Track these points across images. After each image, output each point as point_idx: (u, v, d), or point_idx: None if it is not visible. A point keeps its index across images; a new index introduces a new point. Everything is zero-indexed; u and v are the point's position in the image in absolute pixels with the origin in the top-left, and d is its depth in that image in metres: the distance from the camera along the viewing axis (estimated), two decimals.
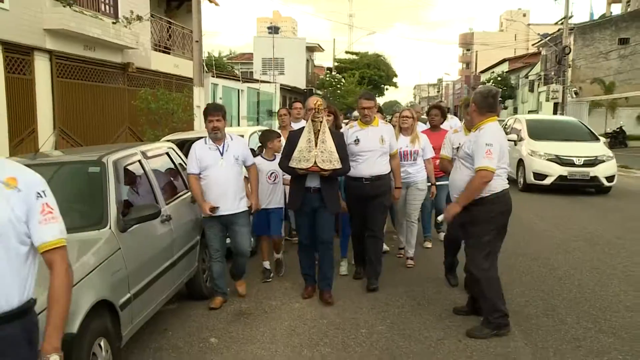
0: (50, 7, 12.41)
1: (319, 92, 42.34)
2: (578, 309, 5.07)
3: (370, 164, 5.63)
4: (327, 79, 42.35)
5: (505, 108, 44.61)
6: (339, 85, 39.90)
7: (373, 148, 5.64)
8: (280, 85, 34.00)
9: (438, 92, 73.29)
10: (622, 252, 7.12)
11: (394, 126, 6.45)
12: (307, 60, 43.75)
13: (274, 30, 38.64)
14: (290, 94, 36.91)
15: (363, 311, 5.17)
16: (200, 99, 14.55)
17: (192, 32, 15.48)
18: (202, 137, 5.56)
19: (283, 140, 6.01)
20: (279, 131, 6.67)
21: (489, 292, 4.49)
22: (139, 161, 4.96)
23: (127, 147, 5.21)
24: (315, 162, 5.05)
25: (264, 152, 6.16)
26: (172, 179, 5.73)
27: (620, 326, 4.66)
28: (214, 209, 5.22)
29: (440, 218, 5.52)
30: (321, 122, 5.13)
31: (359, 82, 43.61)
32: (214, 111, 5.30)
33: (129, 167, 4.79)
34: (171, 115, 13.83)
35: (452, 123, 8.30)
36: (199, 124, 14.07)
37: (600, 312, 4.99)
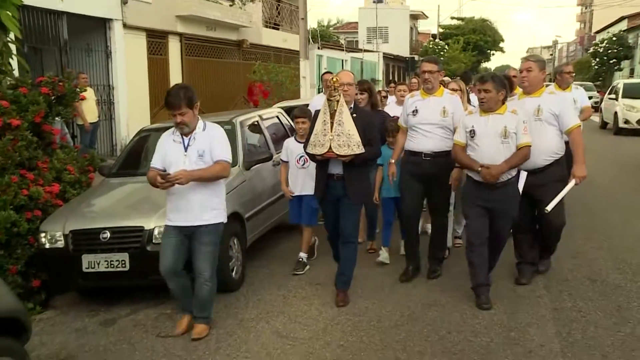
0: None
1: (422, 59, 42.98)
2: (589, 234, 6.36)
3: (429, 137, 5.05)
4: (431, 46, 42.88)
5: (621, 70, 42.02)
6: (442, 52, 40.36)
7: (432, 120, 5.03)
8: (383, 53, 35.18)
9: (551, 55, 70.49)
10: None
11: None
12: (411, 28, 44.42)
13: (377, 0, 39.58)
14: (393, 62, 38.01)
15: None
16: (305, 70, 16.43)
17: (299, 9, 17.34)
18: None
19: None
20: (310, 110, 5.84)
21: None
22: (257, 122, 6.86)
23: (248, 111, 7.12)
24: (330, 147, 4.56)
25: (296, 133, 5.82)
26: (280, 135, 7.52)
27: (616, 245, 5.96)
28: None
29: (549, 208, 4.64)
30: (338, 101, 4.58)
31: (464, 48, 43.74)
32: (172, 103, 4.14)
33: (251, 126, 6.68)
34: (280, 86, 15.84)
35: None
36: (304, 93, 16.02)
37: (607, 238, 6.25)
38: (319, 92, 24.18)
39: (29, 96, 5.40)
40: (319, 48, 25.84)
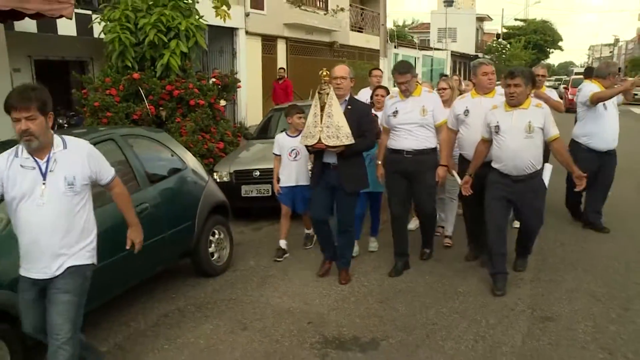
0: (288, 9, 16.63)
1: (486, 56, 43.08)
2: None
3: (411, 136, 4.68)
4: (494, 45, 42.84)
5: None
6: (504, 50, 40.35)
7: (413, 120, 4.66)
8: (451, 52, 35.85)
9: (610, 52, 67.49)
10: None
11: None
12: (477, 29, 44.48)
13: (448, 3, 40.02)
14: (460, 59, 38.54)
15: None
16: (384, 66, 17.96)
17: (380, 16, 18.87)
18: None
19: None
20: (301, 107, 5.69)
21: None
22: None
23: None
24: (320, 139, 4.27)
25: (288, 128, 5.55)
26: None
27: None
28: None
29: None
30: (327, 94, 4.30)
31: (525, 46, 43.35)
32: (18, 103, 2.62)
33: None
34: (364, 80, 17.44)
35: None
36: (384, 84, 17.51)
37: None
38: (394, 86, 25.58)
39: (207, 85, 7.40)
40: (395, 47, 27.07)
